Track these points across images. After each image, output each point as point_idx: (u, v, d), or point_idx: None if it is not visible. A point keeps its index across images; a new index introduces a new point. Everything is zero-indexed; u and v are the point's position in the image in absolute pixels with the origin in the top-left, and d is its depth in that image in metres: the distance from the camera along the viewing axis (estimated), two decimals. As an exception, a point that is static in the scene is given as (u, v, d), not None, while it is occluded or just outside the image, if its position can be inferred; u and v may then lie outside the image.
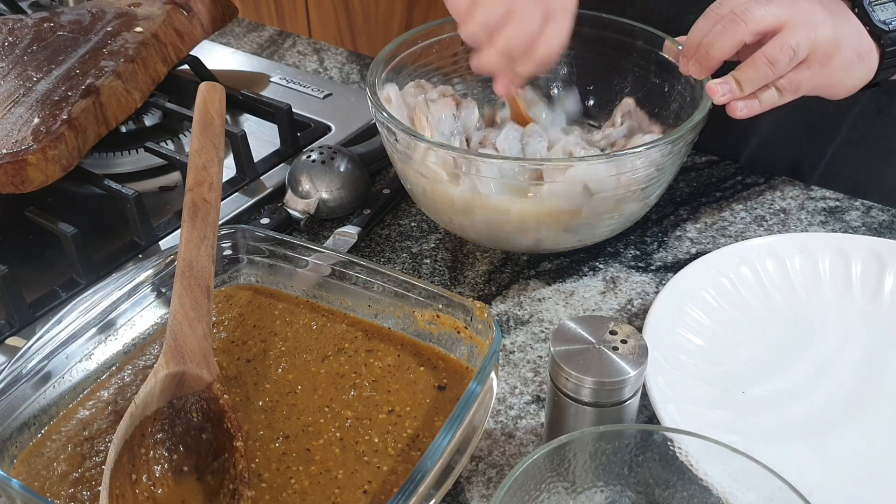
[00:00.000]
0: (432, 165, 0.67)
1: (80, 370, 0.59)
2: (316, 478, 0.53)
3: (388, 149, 0.71)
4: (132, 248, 0.75)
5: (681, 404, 0.60)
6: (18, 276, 0.67)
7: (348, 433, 0.56)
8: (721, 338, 0.67)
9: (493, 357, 0.55)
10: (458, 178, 0.67)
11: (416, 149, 0.67)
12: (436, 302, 0.61)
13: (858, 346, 0.66)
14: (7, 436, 0.54)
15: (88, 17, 0.89)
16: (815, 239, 0.73)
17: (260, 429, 0.56)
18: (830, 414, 0.61)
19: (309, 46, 1.13)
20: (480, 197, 0.67)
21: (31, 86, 0.78)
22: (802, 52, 0.65)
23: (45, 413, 0.56)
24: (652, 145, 0.65)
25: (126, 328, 0.62)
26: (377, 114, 0.69)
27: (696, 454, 0.48)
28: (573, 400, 0.54)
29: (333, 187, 0.78)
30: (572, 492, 0.49)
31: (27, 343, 0.57)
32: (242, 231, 0.66)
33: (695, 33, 0.68)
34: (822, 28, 0.66)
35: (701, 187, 0.85)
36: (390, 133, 0.68)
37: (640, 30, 0.78)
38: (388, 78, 0.75)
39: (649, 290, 0.74)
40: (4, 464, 0.53)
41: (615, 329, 0.55)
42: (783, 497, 0.45)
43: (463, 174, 0.66)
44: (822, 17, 0.66)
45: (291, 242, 0.65)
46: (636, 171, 0.65)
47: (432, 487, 0.50)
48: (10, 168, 0.69)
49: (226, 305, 0.66)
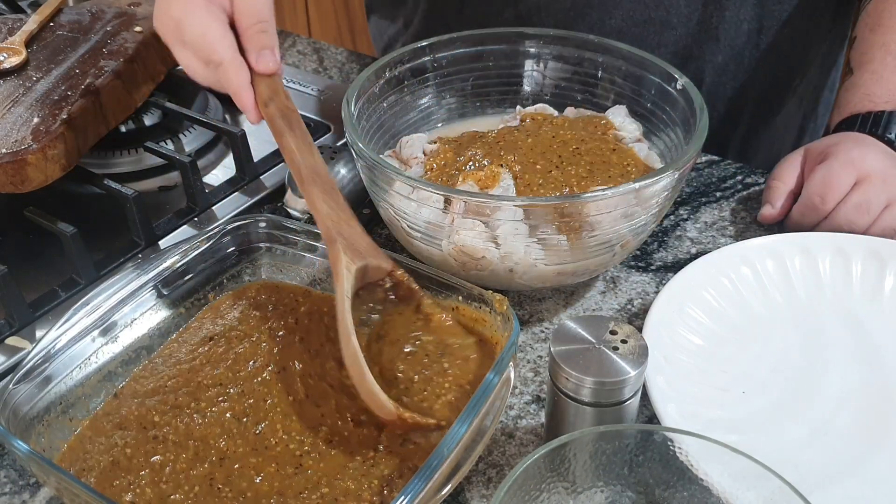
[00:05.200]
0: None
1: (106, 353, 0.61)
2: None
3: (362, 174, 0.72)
4: (132, 248, 0.75)
5: (681, 404, 0.60)
6: (18, 275, 0.67)
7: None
8: (721, 338, 0.67)
9: (512, 348, 0.55)
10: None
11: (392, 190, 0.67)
12: (455, 294, 0.61)
13: (858, 346, 0.66)
14: (34, 415, 0.56)
15: (88, 17, 0.89)
16: (815, 239, 0.73)
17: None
18: (831, 414, 0.61)
19: (309, 46, 1.13)
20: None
21: (31, 85, 0.78)
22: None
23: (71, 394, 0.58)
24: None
25: (128, 327, 0.62)
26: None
27: (696, 454, 0.48)
28: (573, 400, 0.54)
29: (333, 187, 0.78)
30: (572, 492, 0.49)
31: (67, 315, 0.59)
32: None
33: (794, 215, 0.77)
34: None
35: (701, 187, 0.85)
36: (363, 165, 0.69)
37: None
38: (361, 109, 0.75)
39: (649, 290, 0.74)
40: (32, 440, 0.55)
41: (615, 329, 0.55)
42: (783, 497, 0.45)
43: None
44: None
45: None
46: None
47: (446, 476, 0.51)
48: (10, 168, 0.69)
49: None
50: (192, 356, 0.62)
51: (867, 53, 0.82)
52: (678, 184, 0.66)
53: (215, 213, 0.80)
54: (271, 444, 0.56)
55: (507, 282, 0.67)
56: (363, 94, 0.74)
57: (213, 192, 0.81)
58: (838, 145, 0.76)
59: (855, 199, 0.73)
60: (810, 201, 0.75)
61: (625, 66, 0.78)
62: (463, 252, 0.65)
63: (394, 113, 0.79)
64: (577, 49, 0.80)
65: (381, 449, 0.55)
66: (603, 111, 0.79)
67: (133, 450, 0.56)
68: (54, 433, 0.57)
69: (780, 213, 0.77)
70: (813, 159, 0.77)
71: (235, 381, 0.60)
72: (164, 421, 0.57)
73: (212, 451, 0.55)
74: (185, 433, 0.56)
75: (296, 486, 0.53)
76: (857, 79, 0.82)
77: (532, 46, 0.82)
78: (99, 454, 0.56)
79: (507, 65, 0.83)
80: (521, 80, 0.84)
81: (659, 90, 0.76)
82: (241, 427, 0.57)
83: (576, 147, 0.72)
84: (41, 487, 0.59)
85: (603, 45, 0.79)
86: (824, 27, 0.96)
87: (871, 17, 0.84)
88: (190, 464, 0.55)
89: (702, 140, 0.67)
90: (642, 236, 0.68)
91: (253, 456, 0.55)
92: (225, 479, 0.54)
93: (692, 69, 0.94)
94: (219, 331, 0.64)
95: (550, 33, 0.81)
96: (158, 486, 0.53)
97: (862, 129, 0.78)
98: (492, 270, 0.66)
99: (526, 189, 0.68)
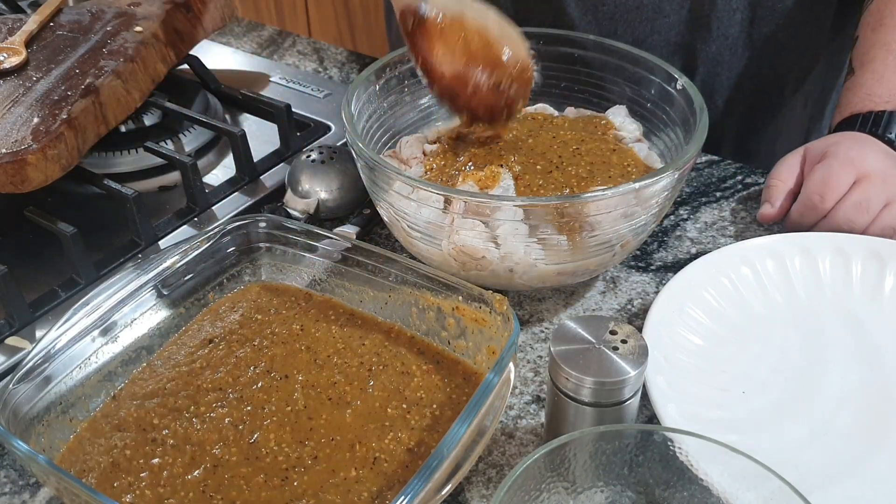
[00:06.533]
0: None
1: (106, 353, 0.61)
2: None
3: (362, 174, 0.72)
4: (132, 248, 0.75)
5: (681, 404, 0.60)
6: (18, 275, 0.67)
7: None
8: (721, 338, 0.67)
9: (512, 348, 0.55)
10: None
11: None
12: (455, 294, 0.61)
13: (858, 346, 0.66)
14: (34, 415, 0.56)
15: (88, 17, 0.89)
16: (815, 239, 0.73)
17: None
18: (831, 414, 0.61)
19: (309, 46, 1.13)
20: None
21: (31, 85, 0.78)
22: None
23: (71, 393, 0.58)
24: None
25: (127, 328, 0.62)
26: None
27: (696, 454, 0.48)
28: (573, 400, 0.54)
29: (333, 187, 0.78)
30: (572, 492, 0.49)
31: (66, 316, 0.59)
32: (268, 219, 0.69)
33: (793, 215, 0.77)
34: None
35: (701, 187, 0.85)
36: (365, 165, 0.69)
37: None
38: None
39: (649, 290, 0.74)
40: (32, 441, 0.55)
41: (615, 329, 0.55)
42: (783, 497, 0.45)
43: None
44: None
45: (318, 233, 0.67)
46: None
47: (446, 476, 0.51)
48: (10, 168, 0.69)
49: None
50: (192, 359, 0.62)
51: (868, 53, 0.82)
52: (678, 184, 0.66)
53: (215, 213, 0.80)
54: (262, 454, 0.55)
55: (507, 282, 0.67)
56: (363, 94, 0.74)
57: (213, 192, 0.81)
58: (838, 144, 0.76)
59: (854, 197, 0.73)
60: (810, 200, 0.75)
61: (625, 66, 0.78)
62: (463, 252, 0.65)
63: (394, 113, 0.79)
64: (578, 49, 0.80)
65: (365, 469, 0.55)
66: (603, 111, 0.79)
67: (133, 451, 0.56)
68: (54, 433, 0.57)
69: (780, 212, 0.77)
70: (812, 159, 0.77)
71: (235, 387, 0.60)
72: (163, 423, 0.57)
73: (207, 458, 0.55)
74: (183, 437, 0.56)
75: (281, 498, 0.53)
76: (858, 78, 0.82)
77: (532, 47, 0.82)
78: (99, 455, 0.56)
79: (508, 65, 0.83)
80: (521, 81, 0.84)
81: (659, 90, 0.76)
82: (237, 434, 0.56)
83: (576, 147, 0.72)
84: (41, 487, 0.59)
85: (603, 45, 0.79)
86: (825, 23, 0.96)
87: (872, 16, 0.84)
88: (186, 468, 0.55)
89: (702, 140, 0.67)
90: (642, 236, 0.68)
91: (245, 465, 0.55)
92: (217, 488, 0.54)
93: (685, 58, 0.95)
94: (219, 333, 0.64)
95: (551, 33, 0.81)
96: (156, 489, 0.53)
97: (862, 129, 0.78)
98: (492, 270, 0.66)
99: (526, 189, 0.68)
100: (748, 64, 0.96)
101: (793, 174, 0.78)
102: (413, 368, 0.61)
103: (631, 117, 0.77)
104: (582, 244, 0.64)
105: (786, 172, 0.78)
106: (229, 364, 0.61)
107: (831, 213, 0.74)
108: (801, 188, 0.77)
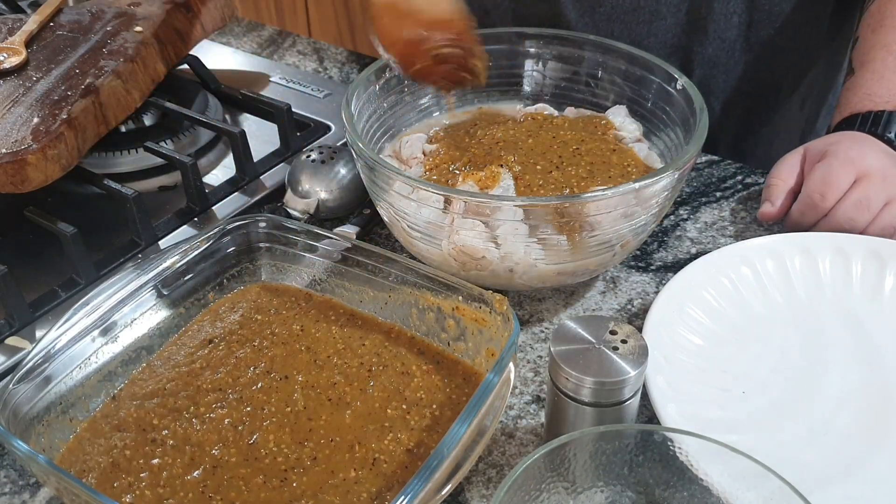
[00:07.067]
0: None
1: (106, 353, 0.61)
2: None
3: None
4: (132, 248, 0.75)
5: (681, 404, 0.60)
6: (18, 275, 0.67)
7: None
8: (721, 338, 0.67)
9: (512, 348, 0.55)
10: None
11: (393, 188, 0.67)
12: (455, 294, 0.61)
13: (858, 346, 0.66)
14: (34, 415, 0.55)
15: (88, 17, 0.89)
16: (815, 239, 0.73)
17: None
18: (831, 414, 0.61)
19: (309, 46, 1.13)
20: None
21: (31, 85, 0.78)
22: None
23: (71, 393, 0.58)
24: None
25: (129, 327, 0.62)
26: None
27: (696, 454, 0.48)
28: (573, 400, 0.54)
29: (333, 187, 0.78)
30: (572, 492, 0.49)
31: (66, 316, 0.59)
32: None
33: (794, 214, 0.76)
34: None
35: (701, 187, 0.85)
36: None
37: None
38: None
39: (649, 290, 0.74)
40: (32, 440, 0.55)
41: (615, 329, 0.55)
42: (783, 497, 0.45)
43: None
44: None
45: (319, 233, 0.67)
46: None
47: (446, 476, 0.51)
48: (10, 168, 0.69)
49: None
50: (192, 359, 0.62)
51: (868, 53, 0.82)
52: (678, 184, 0.66)
53: (215, 213, 0.80)
54: (261, 455, 0.55)
55: (507, 282, 0.67)
56: (363, 94, 0.74)
57: (213, 193, 0.81)
58: (838, 144, 0.76)
59: (854, 196, 0.73)
60: (810, 199, 0.75)
61: (625, 66, 0.78)
62: (463, 252, 0.65)
63: (394, 113, 0.79)
64: (577, 49, 0.80)
65: (365, 470, 0.55)
66: (603, 111, 0.79)
67: (132, 451, 0.56)
68: (54, 433, 0.57)
69: (780, 211, 0.77)
70: (812, 158, 0.77)
71: (235, 387, 0.60)
72: (162, 424, 0.57)
73: (206, 459, 0.55)
74: (183, 437, 0.56)
75: (280, 499, 0.53)
76: (858, 78, 0.82)
77: (532, 46, 0.82)
78: (99, 455, 0.56)
79: (507, 65, 0.83)
80: (521, 80, 0.84)
81: (659, 90, 0.76)
82: (236, 435, 0.56)
83: (576, 147, 0.72)
84: (41, 487, 0.59)
85: (603, 45, 0.79)
86: (822, 26, 0.96)
87: (872, 17, 0.84)
88: (186, 469, 0.54)
89: (702, 140, 0.67)
90: (642, 236, 0.68)
91: (244, 466, 0.55)
92: (216, 488, 0.54)
93: (681, 61, 0.95)
94: (218, 333, 0.64)
95: (550, 33, 0.81)
96: (156, 490, 0.53)
97: (862, 129, 0.78)
98: (492, 270, 0.66)
99: (526, 189, 0.68)
100: (745, 66, 0.96)
101: (793, 173, 0.78)
102: (413, 369, 0.61)
103: (631, 117, 0.77)
104: (582, 244, 0.64)
105: (786, 171, 0.78)
106: (229, 364, 0.61)
107: (832, 211, 0.74)
108: (801, 187, 0.77)
